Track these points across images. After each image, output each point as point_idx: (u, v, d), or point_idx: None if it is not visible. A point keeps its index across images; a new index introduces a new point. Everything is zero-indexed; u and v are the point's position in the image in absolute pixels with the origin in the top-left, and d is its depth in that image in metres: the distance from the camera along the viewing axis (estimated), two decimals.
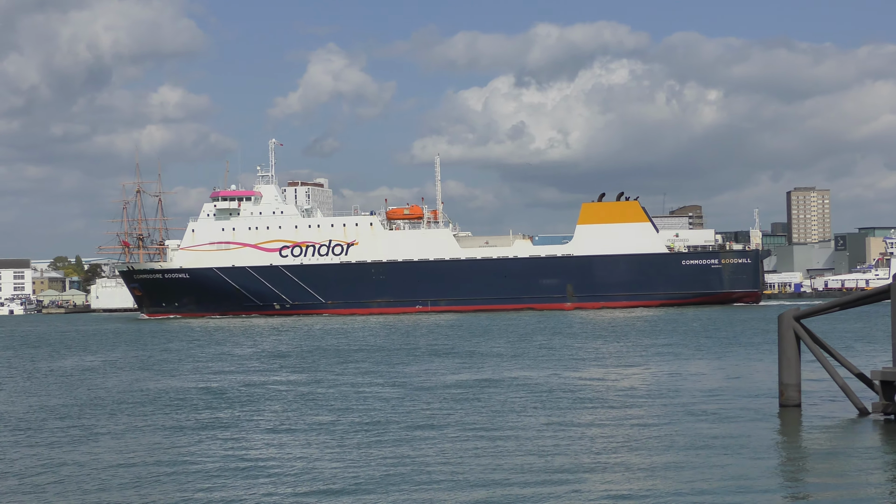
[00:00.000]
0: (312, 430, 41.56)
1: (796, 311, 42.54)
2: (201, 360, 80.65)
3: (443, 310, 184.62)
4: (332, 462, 34.44)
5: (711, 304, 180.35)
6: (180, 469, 33.69)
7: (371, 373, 65.07)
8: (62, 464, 35.18)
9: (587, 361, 70.58)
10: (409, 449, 36.47)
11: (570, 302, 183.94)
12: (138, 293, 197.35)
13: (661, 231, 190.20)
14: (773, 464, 33.27)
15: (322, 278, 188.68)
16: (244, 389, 56.89)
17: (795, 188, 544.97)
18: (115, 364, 79.15)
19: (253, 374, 66.17)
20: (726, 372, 61.46)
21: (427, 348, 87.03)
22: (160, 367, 73.98)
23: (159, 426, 43.57)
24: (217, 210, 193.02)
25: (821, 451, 35.29)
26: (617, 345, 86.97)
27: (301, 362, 75.46)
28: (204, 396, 53.93)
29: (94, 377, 67.47)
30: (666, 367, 65.26)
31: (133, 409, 49.57)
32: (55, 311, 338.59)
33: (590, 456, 34.53)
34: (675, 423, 41.26)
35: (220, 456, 36.08)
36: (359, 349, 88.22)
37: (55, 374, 70.84)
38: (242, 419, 45.06)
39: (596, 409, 45.70)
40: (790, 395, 42.93)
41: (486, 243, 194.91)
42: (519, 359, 73.80)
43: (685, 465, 32.62)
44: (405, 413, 45.59)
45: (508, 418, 43.24)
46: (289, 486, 31.03)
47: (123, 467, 34.19)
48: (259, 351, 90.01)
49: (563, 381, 57.16)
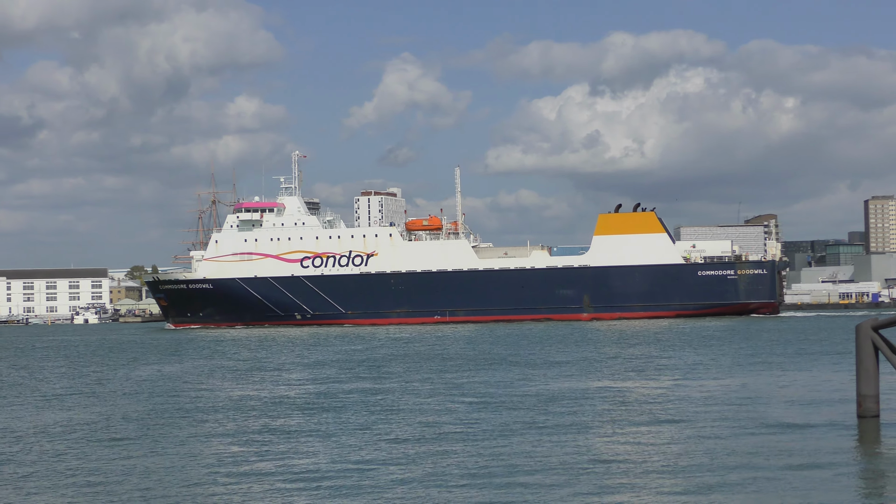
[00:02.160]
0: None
1: (874, 322, 41.73)
2: (285, 367, 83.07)
3: (461, 320, 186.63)
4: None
5: (727, 314, 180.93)
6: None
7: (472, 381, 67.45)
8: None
9: (672, 371, 71.48)
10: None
11: (586, 312, 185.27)
12: (164, 303, 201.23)
13: (680, 242, 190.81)
14: (854, 476, 33.29)
15: (342, 289, 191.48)
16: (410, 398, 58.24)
17: (873, 197, 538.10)
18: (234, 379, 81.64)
19: (383, 383, 67.86)
20: (801, 382, 61.61)
21: (525, 358, 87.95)
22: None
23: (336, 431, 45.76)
24: (240, 221, 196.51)
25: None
26: (697, 355, 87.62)
27: (415, 366, 79.43)
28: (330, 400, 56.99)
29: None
30: (741, 377, 65.89)
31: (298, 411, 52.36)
32: (132, 319, 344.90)
33: (667, 465, 35.23)
34: (753, 434, 41.42)
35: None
36: (453, 357, 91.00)
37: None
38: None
39: (674, 422, 46.12)
40: (868, 406, 42.21)
41: (505, 254, 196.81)
42: (609, 368, 75.40)
43: (764, 478, 32.68)
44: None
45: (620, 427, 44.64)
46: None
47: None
48: (367, 358, 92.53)
49: (667, 392, 58.49)
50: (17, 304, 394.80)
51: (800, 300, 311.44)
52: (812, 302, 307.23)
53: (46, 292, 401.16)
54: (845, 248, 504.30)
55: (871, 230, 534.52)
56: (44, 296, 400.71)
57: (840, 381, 60.44)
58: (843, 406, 47.76)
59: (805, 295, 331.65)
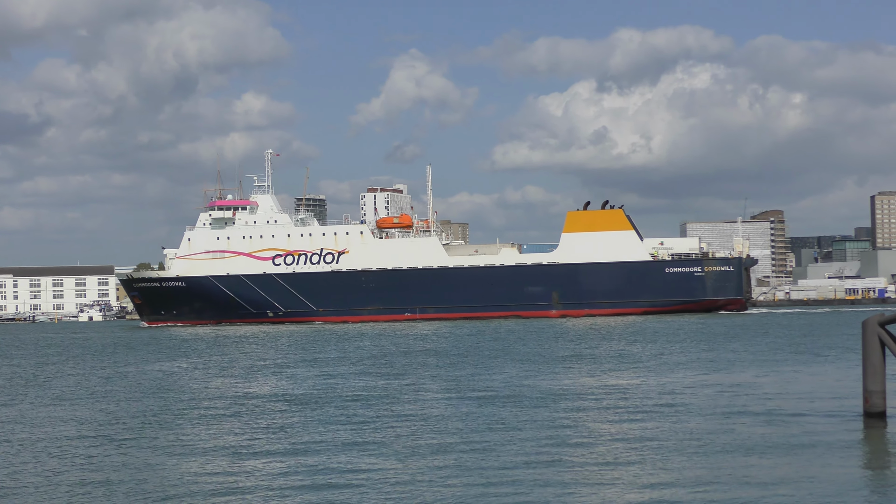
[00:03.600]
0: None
1: (881, 317, 41.29)
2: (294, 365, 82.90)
3: (431, 317, 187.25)
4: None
5: (695, 311, 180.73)
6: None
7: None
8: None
9: (678, 367, 71.39)
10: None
11: (555, 309, 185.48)
12: (138, 301, 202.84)
13: (648, 239, 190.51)
14: (861, 472, 33.31)
15: (314, 286, 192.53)
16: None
17: (880, 192, 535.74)
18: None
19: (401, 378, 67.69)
20: (806, 378, 61.59)
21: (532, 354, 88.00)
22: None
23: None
24: (213, 219, 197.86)
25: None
26: (701, 350, 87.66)
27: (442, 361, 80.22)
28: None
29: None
30: (746, 372, 65.88)
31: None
32: (137, 317, 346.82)
33: (669, 460, 35.32)
34: (758, 429, 41.44)
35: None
36: (465, 352, 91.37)
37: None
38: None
39: (677, 416, 46.05)
40: (875, 402, 41.85)
41: (476, 252, 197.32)
42: (617, 363, 75.61)
43: (770, 474, 32.67)
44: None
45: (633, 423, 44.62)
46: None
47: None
48: (378, 355, 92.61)
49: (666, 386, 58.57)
50: (24, 302, 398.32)
51: (806, 296, 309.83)
52: (818, 298, 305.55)
53: (53, 290, 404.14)
54: (852, 244, 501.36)
55: (878, 226, 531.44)
56: (50, 293, 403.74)
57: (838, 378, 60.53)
58: (848, 404, 47.41)
59: (811, 290, 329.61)
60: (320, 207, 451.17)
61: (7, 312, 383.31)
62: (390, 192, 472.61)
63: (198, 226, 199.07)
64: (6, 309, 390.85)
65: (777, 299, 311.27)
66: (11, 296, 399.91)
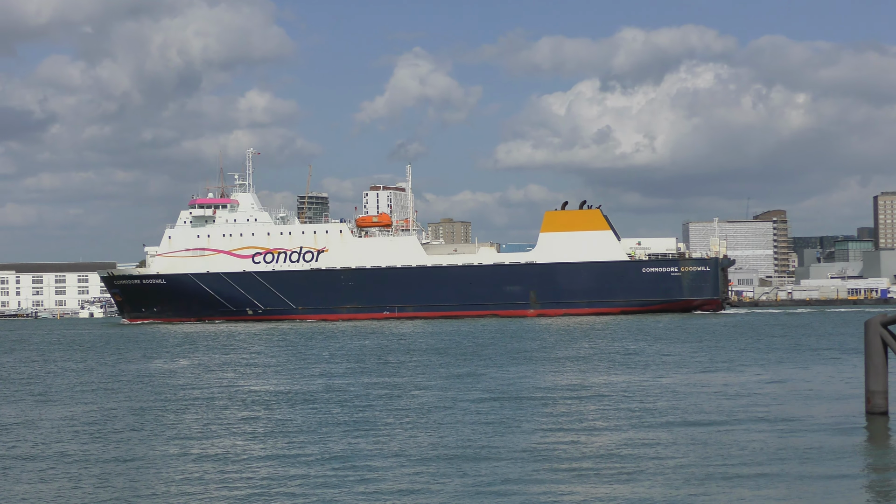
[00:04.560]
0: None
1: (884, 318, 41.40)
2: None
3: (409, 316, 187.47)
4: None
5: (672, 311, 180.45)
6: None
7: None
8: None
9: (680, 367, 71.90)
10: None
11: (532, 309, 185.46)
12: (119, 299, 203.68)
13: (625, 239, 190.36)
14: (863, 473, 33.28)
15: (293, 284, 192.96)
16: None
17: (883, 192, 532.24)
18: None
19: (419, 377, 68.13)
20: (807, 378, 61.72)
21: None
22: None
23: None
24: (193, 217, 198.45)
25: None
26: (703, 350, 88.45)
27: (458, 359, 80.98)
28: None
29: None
30: (749, 372, 66.06)
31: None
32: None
33: (675, 461, 35.49)
34: (761, 430, 41.38)
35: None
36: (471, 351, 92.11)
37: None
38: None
39: (678, 417, 45.99)
40: (877, 403, 41.88)
41: (455, 251, 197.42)
42: (618, 362, 76.24)
43: (773, 475, 32.64)
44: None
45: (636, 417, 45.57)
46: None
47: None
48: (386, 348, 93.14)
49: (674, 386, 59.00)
50: (27, 298, 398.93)
51: (808, 296, 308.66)
52: (820, 298, 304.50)
53: (55, 286, 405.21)
54: (854, 244, 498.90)
55: (881, 226, 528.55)
56: (53, 289, 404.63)
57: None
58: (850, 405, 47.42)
59: (813, 291, 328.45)
60: (323, 205, 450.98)
61: (9, 308, 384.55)
62: (393, 190, 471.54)
63: (178, 223, 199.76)
64: (9, 305, 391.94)
65: (779, 299, 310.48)
66: (14, 292, 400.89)
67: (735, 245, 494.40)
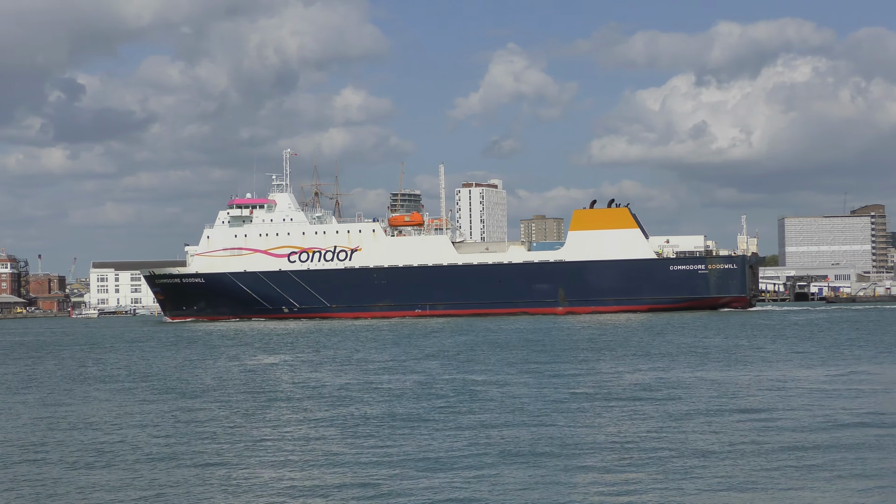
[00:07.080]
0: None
1: None
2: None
3: (441, 314, 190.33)
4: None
5: (699, 309, 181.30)
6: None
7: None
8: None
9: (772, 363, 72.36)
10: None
11: (561, 306, 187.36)
12: (161, 297, 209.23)
13: (653, 237, 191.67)
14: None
15: (327, 283, 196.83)
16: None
17: None
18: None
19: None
20: (877, 377, 61.96)
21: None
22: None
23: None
24: (231, 217, 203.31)
25: None
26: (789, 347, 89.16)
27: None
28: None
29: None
30: (826, 369, 66.27)
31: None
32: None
33: (742, 454, 36.15)
34: (828, 429, 41.24)
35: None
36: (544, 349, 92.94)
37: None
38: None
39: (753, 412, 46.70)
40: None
41: (486, 249, 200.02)
42: (706, 358, 77.80)
43: (839, 473, 32.75)
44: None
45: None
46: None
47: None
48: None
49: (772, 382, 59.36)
50: (125, 296, 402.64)
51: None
52: None
53: None
54: None
55: None
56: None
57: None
58: None
59: None
60: (415, 202, 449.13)
61: (109, 306, 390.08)
62: (485, 187, 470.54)
63: (217, 224, 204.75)
64: (108, 302, 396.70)
65: (877, 295, 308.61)
66: (113, 289, 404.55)
67: (832, 240, 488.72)
